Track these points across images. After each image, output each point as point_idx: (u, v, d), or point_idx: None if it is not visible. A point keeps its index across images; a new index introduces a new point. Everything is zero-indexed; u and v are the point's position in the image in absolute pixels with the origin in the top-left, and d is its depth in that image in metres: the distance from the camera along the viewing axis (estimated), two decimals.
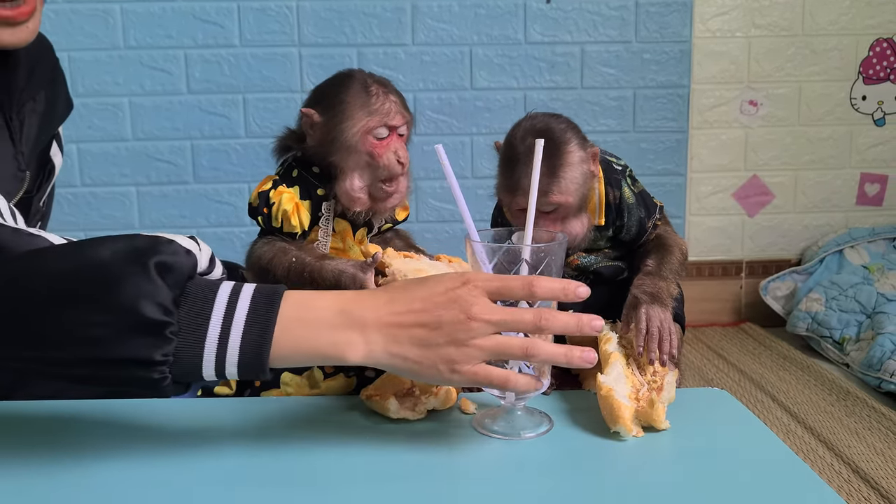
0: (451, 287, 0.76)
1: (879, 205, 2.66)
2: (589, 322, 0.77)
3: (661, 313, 1.00)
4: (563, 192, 1.07)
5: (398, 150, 1.09)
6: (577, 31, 2.49)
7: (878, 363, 2.02)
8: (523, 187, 1.06)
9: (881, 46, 2.57)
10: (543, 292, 0.75)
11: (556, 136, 1.09)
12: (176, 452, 0.82)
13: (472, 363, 0.75)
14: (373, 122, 1.08)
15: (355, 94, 1.10)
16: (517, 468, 0.78)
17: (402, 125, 1.10)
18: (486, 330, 0.74)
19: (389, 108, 1.09)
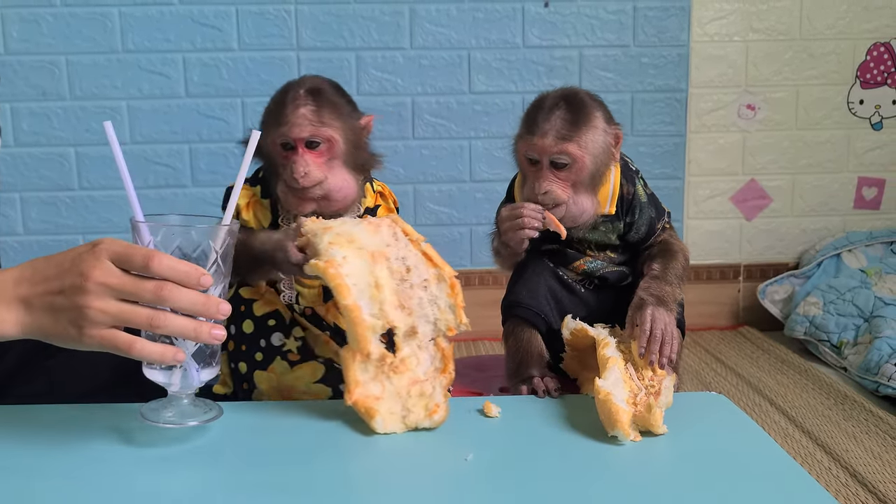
0: (80, 252, 0.76)
1: (877, 208, 2.66)
2: (217, 305, 0.78)
3: (666, 316, 1.01)
4: (581, 147, 1.08)
5: (295, 163, 1.08)
6: (576, 34, 2.49)
7: (876, 367, 2.03)
8: (543, 128, 1.08)
9: (878, 51, 2.58)
10: (162, 268, 0.75)
11: (585, 100, 1.13)
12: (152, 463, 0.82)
13: (99, 328, 0.75)
14: (277, 133, 1.09)
15: (274, 103, 1.12)
16: (509, 472, 0.78)
17: (310, 136, 1.09)
18: (105, 293, 0.74)
19: (295, 120, 1.09)
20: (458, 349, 2.41)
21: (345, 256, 0.89)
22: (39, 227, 2.48)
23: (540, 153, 1.10)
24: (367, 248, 0.91)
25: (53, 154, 2.44)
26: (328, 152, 1.11)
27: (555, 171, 1.09)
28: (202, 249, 0.82)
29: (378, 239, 0.92)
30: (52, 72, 2.40)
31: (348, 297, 0.86)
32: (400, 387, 0.90)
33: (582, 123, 1.09)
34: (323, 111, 1.11)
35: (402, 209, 2.51)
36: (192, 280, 0.76)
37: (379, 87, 2.47)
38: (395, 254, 0.92)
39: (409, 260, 0.92)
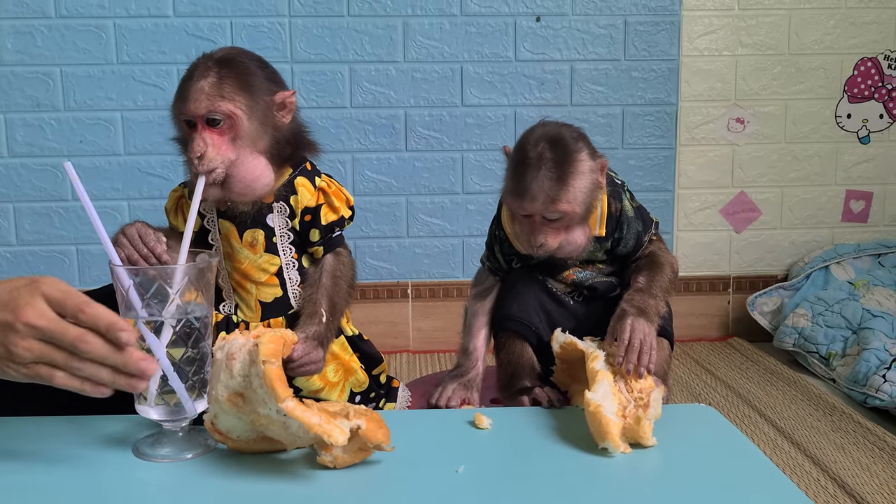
0: (18, 286, 0.77)
1: (864, 221, 2.69)
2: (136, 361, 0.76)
3: (646, 327, 1.02)
4: (571, 202, 1.09)
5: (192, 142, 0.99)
6: (567, 49, 2.51)
7: (864, 378, 2.04)
8: (532, 192, 1.08)
9: (865, 66, 2.61)
10: (87, 318, 0.76)
11: (567, 144, 1.11)
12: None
13: (22, 364, 0.76)
14: (178, 109, 1.01)
15: (183, 77, 1.02)
16: (501, 484, 0.79)
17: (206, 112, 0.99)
18: (31, 334, 0.75)
19: (189, 94, 0.98)
20: (450, 361, 2.42)
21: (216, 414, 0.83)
22: (33, 238, 2.48)
23: (531, 213, 1.10)
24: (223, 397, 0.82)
25: (47, 165, 2.44)
26: (231, 130, 1.00)
27: (547, 222, 1.11)
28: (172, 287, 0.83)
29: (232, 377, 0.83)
30: (47, 83, 2.41)
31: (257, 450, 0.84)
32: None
33: (569, 176, 1.08)
34: (224, 83, 0.99)
35: (396, 221, 2.54)
36: (112, 335, 0.76)
37: (372, 100, 2.49)
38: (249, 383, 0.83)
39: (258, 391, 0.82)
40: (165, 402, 0.85)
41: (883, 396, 1.96)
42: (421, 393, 1.33)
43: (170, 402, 0.85)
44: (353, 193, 2.51)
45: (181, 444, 0.86)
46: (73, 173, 0.85)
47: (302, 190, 1.09)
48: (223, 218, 1.08)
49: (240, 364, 0.82)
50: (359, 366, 1.16)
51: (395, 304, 2.56)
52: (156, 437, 0.87)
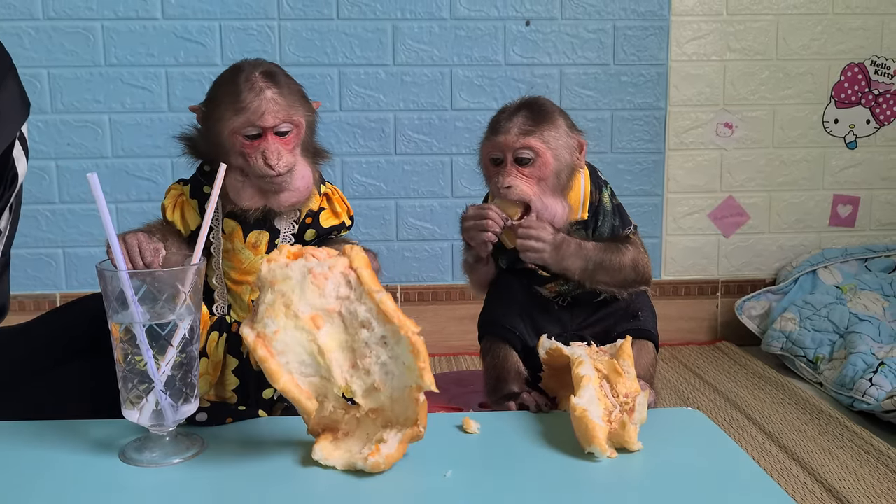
0: None
1: (852, 226, 2.70)
2: None
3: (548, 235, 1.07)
4: (544, 142, 1.10)
5: (266, 151, 1.01)
6: (556, 53, 2.52)
7: (851, 382, 2.05)
8: (505, 127, 1.10)
9: (853, 71, 2.62)
10: None
11: (546, 104, 1.16)
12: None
13: None
14: (239, 121, 1.02)
15: (227, 90, 1.04)
16: (488, 488, 0.79)
17: (278, 124, 1.02)
18: None
19: (259, 106, 1.01)
20: (439, 364, 2.41)
21: (276, 330, 0.81)
22: (19, 241, 2.46)
23: (503, 149, 1.11)
24: (305, 314, 0.81)
25: (34, 167, 2.43)
26: (295, 139, 1.04)
27: (518, 167, 1.11)
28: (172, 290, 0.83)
29: (324, 296, 0.83)
30: (34, 85, 2.39)
31: (279, 381, 0.80)
32: (371, 430, 0.84)
33: (543, 121, 1.12)
34: (286, 95, 1.03)
35: (385, 225, 2.53)
36: None
37: (361, 103, 2.49)
38: (348, 307, 0.83)
39: (362, 315, 0.83)
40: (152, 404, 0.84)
41: (869, 400, 1.97)
42: None
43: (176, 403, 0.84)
44: None
45: (168, 448, 0.85)
46: (97, 186, 0.84)
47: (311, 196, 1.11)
48: (228, 217, 1.08)
49: (333, 285, 0.82)
50: None
51: None
52: (142, 441, 0.87)
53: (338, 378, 0.82)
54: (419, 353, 0.81)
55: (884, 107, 2.65)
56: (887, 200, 2.70)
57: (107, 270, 0.83)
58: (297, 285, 0.82)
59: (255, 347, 0.80)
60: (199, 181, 1.09)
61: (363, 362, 0.82)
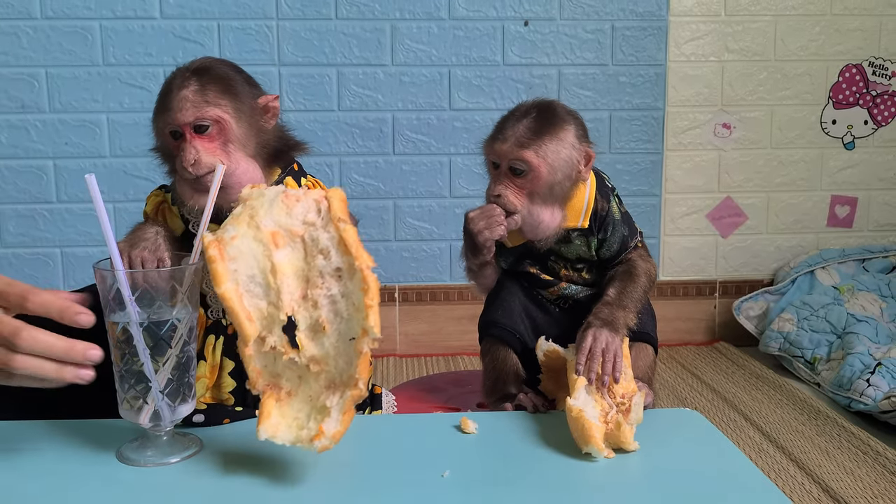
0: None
1: (849, 227, 2.71)
2: (84, 350, 0.76)
3: (609, 336, 1.01)
4: (540, 156, 1.08)
5: (183, 151, 0.99)
6: (555, 53, 2.52)
7: (848, 383, 2.06)
8: (504, 134, 1.08)
9: (850, 72, 2.63)
10: (36, 306, 0.75)
11: (557, 111, 1.12)
12: None
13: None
14: (161, 121, 1.01)
15: (161, 92, 1.03)
16: (486, 488, 0.79)
17: (191, 121, 0.99)
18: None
19: (173, 104, 0.99)
20: (437, 364, 2.41)
21: (234, 236, 0.78)
22: (17, 241, 2.46)
23: (499, 157, 1.10)
24: (267, 228, 0.79)
25: (32, 167, 2.43)
26: (220, 136, 1.00)
27: (512, 177, 1.10)
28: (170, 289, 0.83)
29: (290, 216, 0.80)
30: (32, 84, 2.39)
31: (221, 284, 0.76)
32: (314, 390, 0.80)
33: (546, 133, 1.09)
34: (207, 90, 1.00)
35: (382, 224, 2.53)
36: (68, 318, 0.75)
37: (360, 103, 2.49)
38: (311, 234, 0.80)
39: (323, 242, 0.79)
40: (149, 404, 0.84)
41: (867, 401, 1.97)
42: (408, 397, 1.33)
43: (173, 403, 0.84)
44: None
45: (165, 448, 0.85)
46: (94, 187, 0.84)
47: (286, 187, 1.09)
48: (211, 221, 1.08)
49: (302, 209, 0.79)
50: None
51: (381, 307, 2.55)
52: (140, 441, 0.87)
53: (286, 304, 0.78)
54: (369, 290, 0.76)
55: (881, 108, 2.65)
56: (885, 201, 2.70)
57: (104, 270, 0.82)
58: (266, 201, 0.80)
59: (207, 247, 0.77)
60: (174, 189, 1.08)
61: (313, 292, 0.78)
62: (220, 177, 0.89)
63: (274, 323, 0.78)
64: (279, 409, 0.80)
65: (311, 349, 0.78)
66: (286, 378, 0.80)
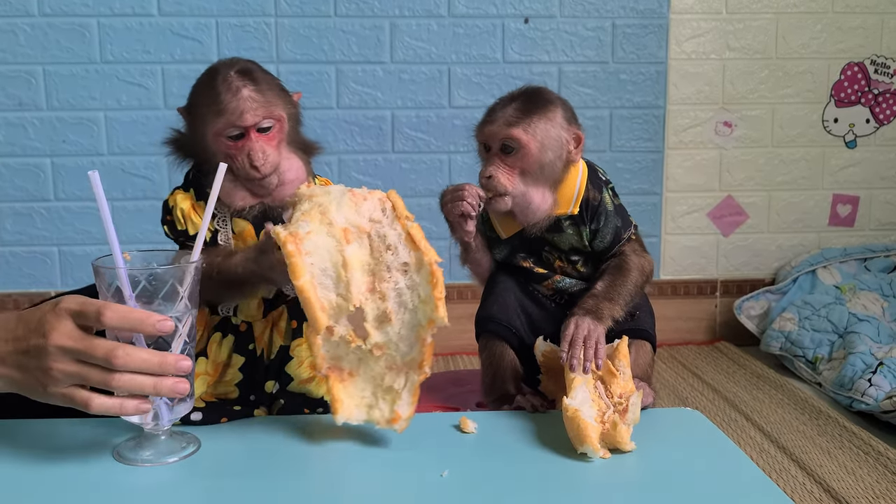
0: (45, 311, 0.79)
1: (851, 225, 2.70)
2: (174, 363, 0.79)
3: (591, 324, 1.03)
4: (529, 134, 1.10)
5: (251, 152, 1.00)
6: (555, 51, 2.51)
7: (850, 382, 2.05)
8: (493, 116, 1.11)
9: (852, 70, 2.62)
10: (112, 321, 0.77)
11: (545, 95, 1.15)
12: None
13: (60, 386, 0.77)
14: (220, 124, 1.01)
15: (206, 93, 1.04)
16: (485, 488, 0.78)
17: (259, 121, 1.01)
18: (64, 354, 0.77)
19: (237, 106, 1.00)
20: (436, 364, 2.40)
21: (309, 231, 0.83)
22: (14, 239, 2.45)
23: (490, 138, 1.12)
24: (339, 224, 0.84)
25: (29, 165, 2.42)
26: (278, 134, 1.03)
27: (503, 156, 1.11)
28: (169, 288, 0.82)
29: (359, 213, 0.86)
30: (29, 82, 2.38)
31: (300, 277, 0.81)
32: (376, 371, 0.86)
33: (534, 113, 1.11)
34: (264, 91, 1.02)
35: None
36: (148, 328, 0.77)
37: (359, 101, 2.48)
38: (378, 230, 0.86)
39: (391, 239, 0.86)
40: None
41: (868, 400, 1.96)
42: None
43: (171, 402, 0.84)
44: None
45: (163, 447, 0.85)
46: (97, 183, 0.85)
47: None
48: (237, 217, 1.07)
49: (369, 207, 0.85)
50: None
51: None
52: (137, 440, 0.86)
53: (354, 296, 0.83)
54: (437, 284, 0.84)
55: (883, 106, 2.64)
56: (887, 200, 2.69)
57: (103, 267, 0.82)
58: (335, 199, 0.85)
59: (285, 242, 0.82)
60: (201, 183, 1.07)
61: (381, 286, 0.84)
62: (222, 176, 0.89)
63: (341, 313, 0.84)
64: (345, 390, 0.85)
65: (376, 337, 0.85)
66: (346, 361, 0.86)
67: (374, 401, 0.86)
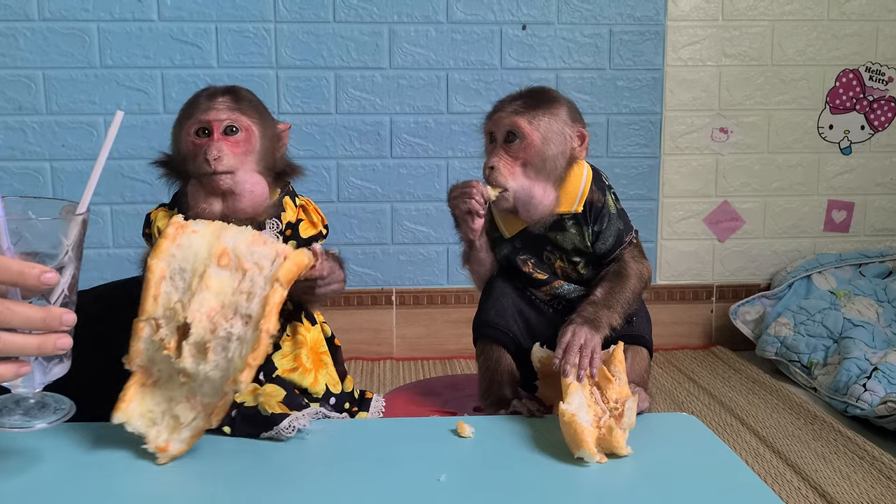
0: None
1: (846, 231, 2.71)
2: (59, 317, 0.72)
3: (587, 333, 1.03)
4: (532, 124, 1.11)
5: (208, 147, 1.02)
6: (552, 57, 2.52)
7: (845, 387, 2.06)
8: (500, 107, 1.14)
9: (847, 77, 2.63)
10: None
11: (551, 92, 1.17)
12: None
13: None
14: (189, 122, 1.05)
15: (187, 105, 1.08)
16: (482, 493, 0.79)
17: (228, 120, 1.04)
18: None
19: (207, 106, 1.04)
20: (434, 368, 2.41)
21: (195, 231, 0.84)
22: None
23: (495, 127, 1.14)
24: (223, 245, 0.84)
25: (28, 168, 2.42)
26: (245, 143, 1.05)
27: (506, 147, 1.13)
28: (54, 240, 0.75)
29: (249, 251, 0.84)
30: (29, 86, 2.39)
31: (157, 258, 0.82)
32: (175, 394, 0.84)
33: (539, 107, 1.13)
34: (242, 102, 1.07)
35: (380, 228, 2.53)
36: (31, 280, 0.69)
37: (357, 106, 2.49)
38: (253, 275, 0.85)
39: (255, 288, 0.84)
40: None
41: (863, 405, 1.97)
42: (404, 400, 1.33)
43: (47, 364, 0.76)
44: (338, 200, 2.51)
45: (33, 411, 0.77)
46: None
47: (289, 209, 1.13)
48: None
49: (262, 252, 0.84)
50: (331, 362, 1.15)
51: (378, 310, 2.56)
52: (3, 401, 0.78)
53: (192, 310, 0.82)
54: (258, 350, 0.81)
55: (878, 113, 2.66)
56: (882, 206, 2.71)
57: None
58: (239, 229, 0.87)
59: (171, 223, 0.85)
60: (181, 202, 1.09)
61: (219, 321, 0.83)
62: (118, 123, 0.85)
63: (172, 319, 0.83)
64: (141, 396, 0.84)
65: (187, 362, 0.83)
66: (157, 369, 0.85)
67: (159, 420, 0.83)
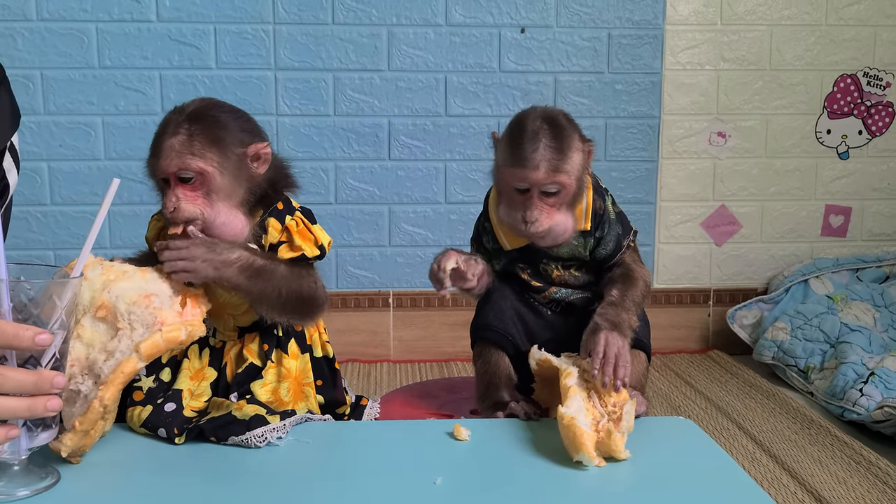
0: None
1: (843, 236, 2.71)
2: (49, 381, 0.73)
3: (619, 341, 1.02)
4: (570, 174, 1.10)
5: (166, 198, 1.01)
6: (551, 60, 2.52)
7: (841, 392, 2.06)
8: (535, 161, 1.09)
9: (845, 82, 2.64)
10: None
11: (562, 122, 1.14)
12: None
13: None
14: (153, 166, 1.04)
15: (156, 132, 1.06)
16: (478, 495, 0.79)
17: (178, 170, 1.01)
18: None
19: (164, 152, 1.01)
20: (431, 370, 2.41)
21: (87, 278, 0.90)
22: (10, 243, 2.44)
23: (532, 185, 1.10)
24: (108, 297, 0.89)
25: (25, 169, 2.42)
26: (202, 186, 1.01)
27: (544, 197, 1.11)
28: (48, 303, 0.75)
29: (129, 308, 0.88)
30: (27, 86, 2.39)
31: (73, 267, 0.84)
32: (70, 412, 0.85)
33: (566, 150, 1.10)
34: (195, 141, 1.01)
35: (378, 230, 2.53)
36: (25, 342, 0.70)
37: (356, 108, 2.49)
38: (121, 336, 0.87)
39: (117, 350, 0.86)
40: None
41: (860, 410, 1.97)
42: (401, 403, 1.33)
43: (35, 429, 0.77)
44: (336, 202, 2.50)
45: (17, 479, 0.76)
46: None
47: (271, 230, 1.09)
48: None
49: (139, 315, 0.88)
50: (314, 392, 1.12)
51: (375, 313, 2.55)
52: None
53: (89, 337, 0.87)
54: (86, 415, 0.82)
55: (876, 118, 2.66)
56: (879, 211, 2.71)
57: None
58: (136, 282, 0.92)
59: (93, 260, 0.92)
60: None
61: (75, 371, 0.85)
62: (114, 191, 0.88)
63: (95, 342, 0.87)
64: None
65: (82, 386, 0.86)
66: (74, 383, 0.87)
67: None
